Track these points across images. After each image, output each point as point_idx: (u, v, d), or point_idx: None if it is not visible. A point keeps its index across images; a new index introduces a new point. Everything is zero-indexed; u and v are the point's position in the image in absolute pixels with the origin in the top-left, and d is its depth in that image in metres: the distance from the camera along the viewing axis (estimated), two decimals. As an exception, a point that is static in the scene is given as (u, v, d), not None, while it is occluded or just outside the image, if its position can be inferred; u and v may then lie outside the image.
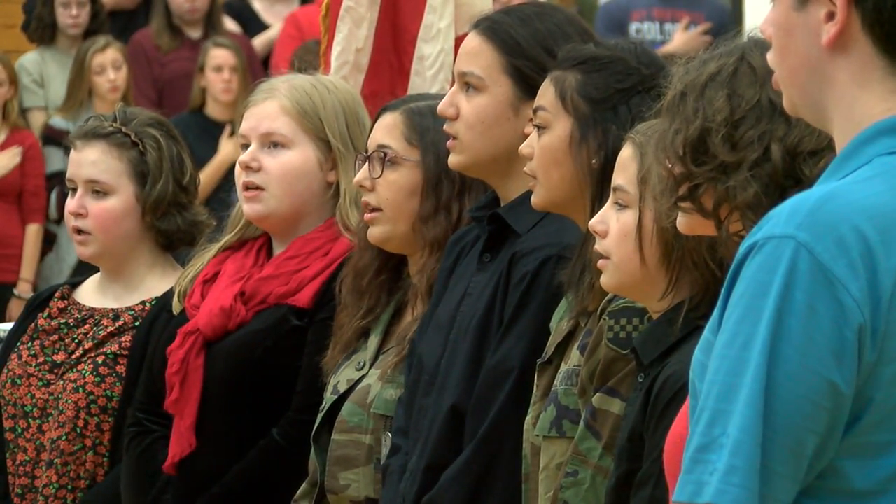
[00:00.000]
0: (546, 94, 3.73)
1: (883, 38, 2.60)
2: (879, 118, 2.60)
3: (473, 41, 4.03)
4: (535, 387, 3.66)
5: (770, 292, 2.50)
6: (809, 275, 2.48)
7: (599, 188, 3.54)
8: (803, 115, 2.71)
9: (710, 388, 2.53)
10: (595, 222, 3.38)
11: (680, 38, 9.90)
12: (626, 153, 3.35)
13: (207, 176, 8.90)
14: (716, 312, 2.57)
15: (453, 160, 3.97)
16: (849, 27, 2.59)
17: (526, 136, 3.79)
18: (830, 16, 2.59)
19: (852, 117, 2.62)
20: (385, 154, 4.15)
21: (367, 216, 4.17)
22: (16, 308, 8.23)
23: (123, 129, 4.71)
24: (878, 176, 2.57)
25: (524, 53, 3.96)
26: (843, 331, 2.49)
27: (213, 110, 9.62)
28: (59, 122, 9.89)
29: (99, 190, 4.66)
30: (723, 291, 2.56)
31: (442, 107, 3.98)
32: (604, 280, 3.37)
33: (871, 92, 2.62)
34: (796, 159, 3.01)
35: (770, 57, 2.70)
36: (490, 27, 4.03)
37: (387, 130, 4.20)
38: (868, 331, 2.50)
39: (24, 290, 9.31)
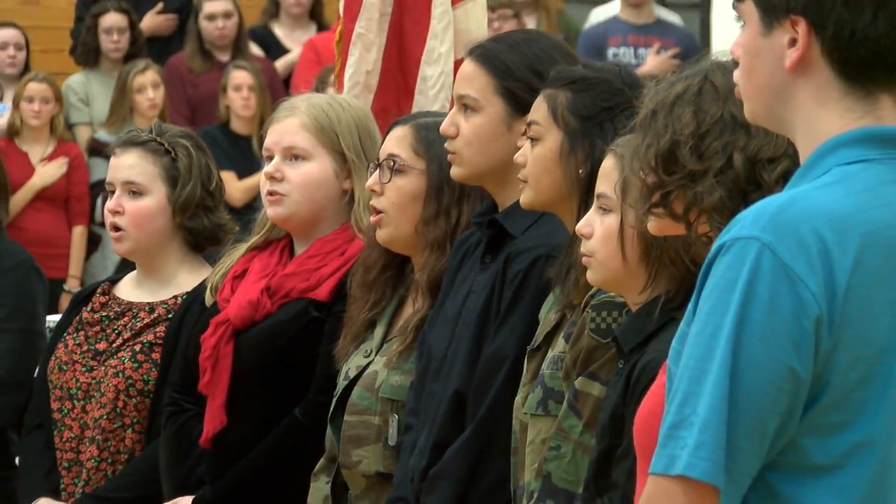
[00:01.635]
0: (539, 109, 3.71)
1: (840, 63, 2.59)
2: (837, 133, 2.59)
3: (469, 66, 4.03)
4: (524, 371, 3.65)
5: (736, 287, 2.49)
6: (771, 272, 2.48)
7: (585, 195, 3.50)
8: (765, 125, 2.73)
9: (683, 373, 2.52)
10: (581, 226, 3.36)
11: (652, 61, 9.86)
12: (609, 164, 3.33)
13: (246, 186, 9.03)
14: (690, 306, 2.57)
15: (455, 172, 3.99)
16: (809, 53, 2.59)
17: (518, 149, 3.79)
18: (793, 42, 2.60)
19: (813, 132, 2.61)
20: (394, 162, 4.15)
21: (373, 219, 4.18)
22: (66, 301, 8.15)
23: (158, 138, 4.69)
24: (836, 183, 2.55)
25: (514, 76, 3.95)
26: (801, 321, 2.47)
27: (237, 125, 9.54)
28: (103, 135, 9.80)
29: (135, 190, 4.64)
30: (696, 287, 2.56)
31: (444, 127, 3.99)
32: (590, 276, 3.35)
33: (830, 110, 2.61)
34: (756, 166, 2.98)
35: (737, 74, 2.69)
36: (483, 53, 4.03)
37: (397, 141, 4.20)
38: (825, 322, 2.48)
39: (72, 285, 9.28)
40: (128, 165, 4.69)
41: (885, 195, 2.57)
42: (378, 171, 4.19)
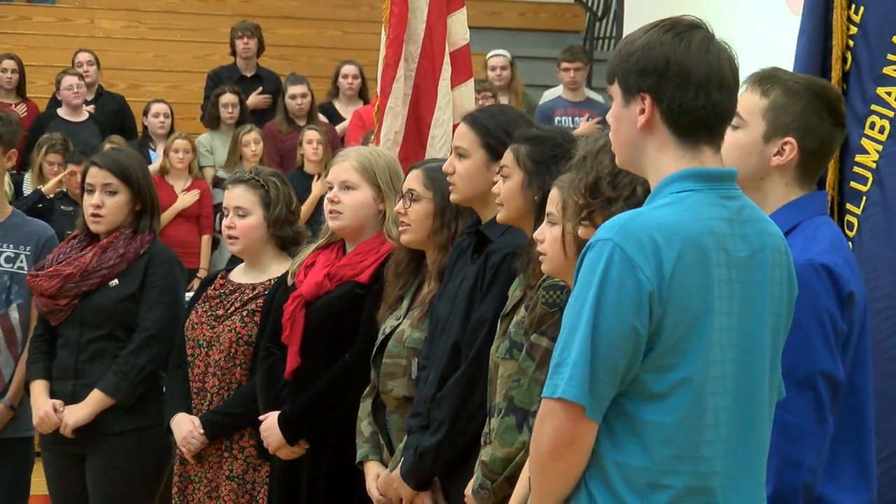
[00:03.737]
0: (508, 157, 3.68)
1: (673, 125, 2.59)
2: (672, 172, 2.59)
3: (462, 128, 4.00)
4: (498, 329, 3.62)
5: (596, 272, 2.49)
6: (620, 262, 2.48)
7: (540, 213, 3.44)
8: (629, 169, 2.71)
9: (563, 328, 2.52)
10: (537, 234, 3.34)
11: (583, 126, 9.83)
12: (554, 192, 3.30)
13: (307, 205, 8.97)
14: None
15: (453, 198, 3.97)
16: (653, 118, 2.59)
17: (495, 183, 3.77)
18: (642, 111, 2.60)
19: (657, 172, 2.61)
20: (412, 193, 4.12)
21: (400, 229, 4.15)
22: (197, 283, 8.13)
23: (256, 177, 4.68)
24: (669, 205, 2.56)
25: (492, 135, 3.91)
26: (640, 296, 2.47)
27: (308, 167, 9.58)
28: (221, 174, 9.76)
29: (241, 213, 4.63)
30: (575, 271, 2.56)
31: (445, 167, 3.99)
32: (543, 267, 3.32)
33: (668, 156, 2.60)
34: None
35: (611, 135, 2.69)
36: (472, 119, 4.01)
37: (414, 179, 4.17)
38: (656, 296, 2.48)
39: (201, 273, 9.23)
40: (237, 195, 4.66)
41: (701, 214, 2.56)
42: (402, 199, 4.16)
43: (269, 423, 4.37)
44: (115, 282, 4.72)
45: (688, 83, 2.56)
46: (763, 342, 2.61)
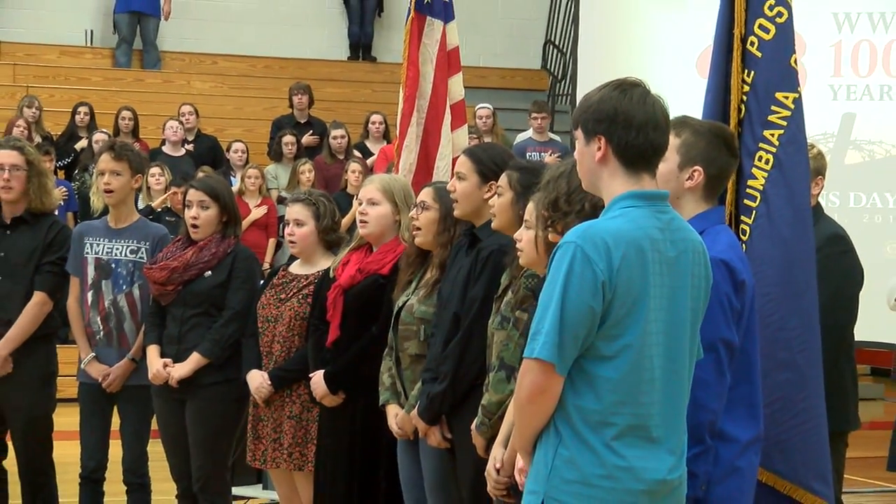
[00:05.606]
0: (502, 180, 3.60)
1: (621, 158, 2.57)
2: (621, 192, 2.57)
3: (462, 158, 3.96)
4: (493, 307, 3.56)
5: (563, 265, 2.47)
6: (581, 259, 2.47)
7: (520, 221, 3.40)
8: (591, 191, 2.68)
9: (539, 306, 2.50)
10: (516, 235, 3.30)
11: (548, 159, 9.91)
12: (530, 205, 3.27)
13: (349, 217, 8.96)
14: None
15: (457, 213, 3.90)
16: (606, 153, 2.58)
17: (486, 201, 3.76)
18: (599, 148, 2.58)
19: (610, 192, 2.59)
20: (424, 204, 4.08)
21: (413, 232, 4.11)
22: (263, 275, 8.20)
23: (309, 196, 4.64)
24: (618, 217, 2.54)
25: (483, 163, 3.87)
26: (595, 283, 2.46)
27: (350, 189, 9.47)
28: (284, 194, 9.80)
29: (299, 224, 4.58)
30: (548, 265, 2.54)
31: (448, 187, 3.96)
32: (521, 261, 3.29)
33: (618, 181, 2.58)
34: (595, 209, 2.87)
35: (577, 166, 2.67)
36: (469, 152, 3.98)
37: (425, 193, 4.12)
38: (607, 284, 2.46)
39: (266, 267, 9.20)
40: (295, 210, 4.61)
41: (641, 223, 2.53)
42: (416, 208, 4.12)
43: (317, 378, 4.32)
44: (209, 273, 4.69)
45: (631, 126, 2.55)
46: (685, 318, 2.58)
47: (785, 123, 3.45)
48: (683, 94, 6.57)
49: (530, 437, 2.55)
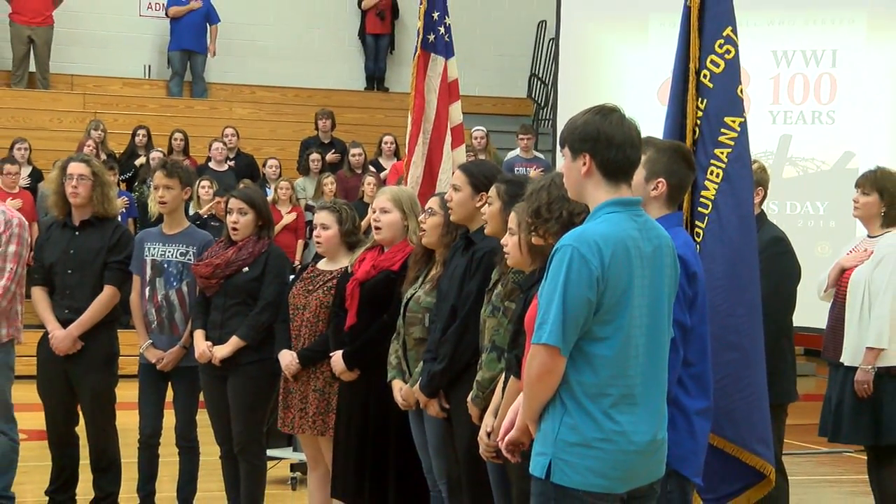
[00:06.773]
0: (493, 191, 3.57)
1: (603, 172, 2.57)
2: (604, 200, 2.56)
3: (458, 172, 3.93)
4: (485, 298, 3.54)
5: (563, 265, 2.47)
6: (578, 259, 2.46)
7: (506, 228, 3.38)
8: (577, 199, 2.66)
9: (543, 300, 2.49)
10: (503, 240, 3.29)
11: (533, 174, 9.92)
12: (513, 214, 3.24)
13: (365, 222, 8.92)
14: (545, 275, 2.54)
15: (452, 218, 3.88)
16: (591, 167, 2.57)
17: (478, 209, 3.74)
18: (584, 163, 2.57)
19: (594, 200, 2.58)
20: (431, 211, 4.03)
21: (420, 234, 4.06)
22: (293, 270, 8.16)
23: (334, 205, 4.60)
24: (603, 221, 2.54)
25: (475, 177, 3.84)
26: (591, 278, 2.46)
27: (367, 199, 9.45)
28: (311, 203, 9.82)
29: (325, 227, 4.53)
30: (547, 267, 2.53)
31: (446, 197, 3.92)
32: (508, 262, 3.28)
33: (601, 191, 2.57)
34: (572, 216, 2.91)
35: (564, 180, 2.65)
36: (464, 167, 3.96)
37: (433, 201, 4.06)
38: (600, 279, 2.47)
39: (296, 264, 9.08)
40: (322, 216, 4.57)
41: (622, 226, 2.52)
42: (424, 213, 4.08)
43: (337, 357, 4.28)
44: (247, 269, 4.66)
45: (612, 145, 2.54)
46: (663, 305, 2.59)
47: (732, 143, 3.47)
48: (647, 119, 6.52)
49: (537, 409, 2.55)
